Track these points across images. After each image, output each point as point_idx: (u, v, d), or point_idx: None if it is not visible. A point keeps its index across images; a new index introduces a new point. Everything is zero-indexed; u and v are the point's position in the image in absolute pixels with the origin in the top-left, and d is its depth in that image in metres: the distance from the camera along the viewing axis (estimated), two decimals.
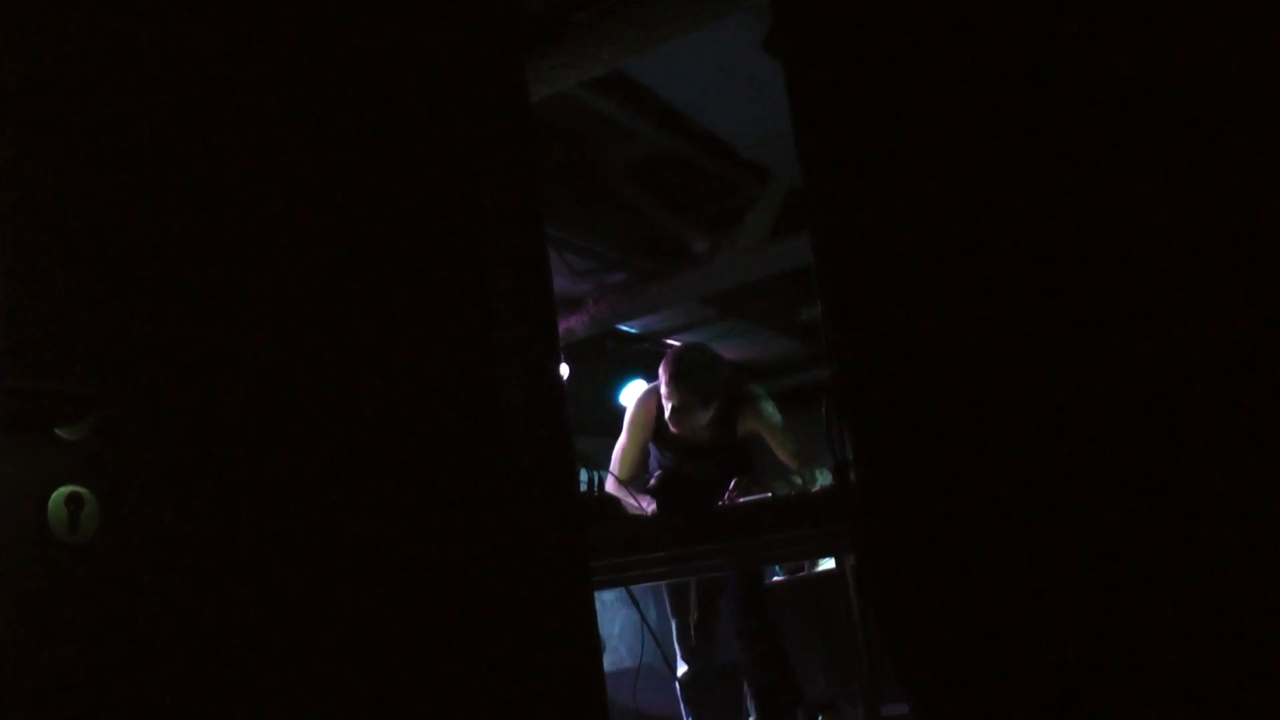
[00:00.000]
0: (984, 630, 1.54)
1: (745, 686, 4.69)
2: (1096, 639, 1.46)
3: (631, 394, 5.89)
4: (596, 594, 4.30)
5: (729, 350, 9.67)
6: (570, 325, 7.30)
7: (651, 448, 4.66)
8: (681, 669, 4.62)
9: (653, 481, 3.84)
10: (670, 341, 9.05)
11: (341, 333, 1.81)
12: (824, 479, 4.41)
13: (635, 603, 4.21)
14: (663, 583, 4.61)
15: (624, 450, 4.62)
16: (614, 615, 4.71)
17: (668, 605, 4.73)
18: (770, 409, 4.55)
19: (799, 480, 4.37)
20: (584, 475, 4.65)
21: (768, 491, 4.15)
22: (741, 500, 3.97)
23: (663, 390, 4.39)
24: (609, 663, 4.49)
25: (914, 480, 1.61)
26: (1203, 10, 1.45)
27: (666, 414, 4.42)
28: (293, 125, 1.85)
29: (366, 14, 1.96)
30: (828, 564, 4.82)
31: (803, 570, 5.48)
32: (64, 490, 1.48)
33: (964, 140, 1.59)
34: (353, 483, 1.77)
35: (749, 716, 4.66)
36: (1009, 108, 1.56)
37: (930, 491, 1.59)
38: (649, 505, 3.90)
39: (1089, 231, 1.49)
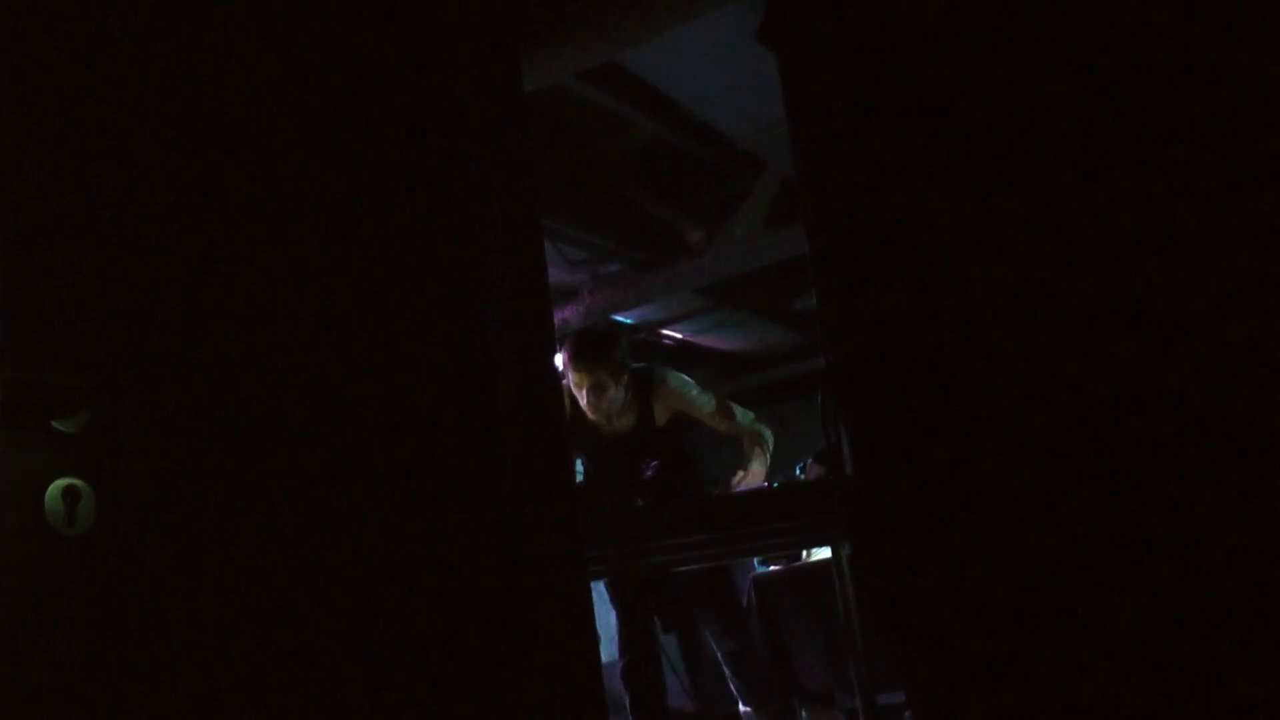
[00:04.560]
0: (980, 619, 1.55)
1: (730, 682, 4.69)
2: (1093, 629, 1.47)
3: None
4: (594, 585, 4.30)
5: (724, 341, 9.68)
6: (565, 316, 7.30)
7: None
8: (619, 657, 4.61)
9: (648, 474, 3.84)
10: (666, 332, 9.06)
11: (335, 324, 1.82)
12: (765, 433, 4.43)
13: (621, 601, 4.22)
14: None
15: None
16: (610, 607, 4.71)
17: (609, 599, 4.72)
18: (682, 383, 4.52)
19: (759, 454, 4.37)
20: (579, 467, 4.64)
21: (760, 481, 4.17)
22: (737, 490, 3.97)
23: (571, 379, 4.36)
24: (607, 654, 4.50)
25: (910, 469, 1.62)
26: (1204, 8, 1.45)
27: (582, 402, 4.39)
28: (286, 118, 1.85)
29: (360, 5, 1.96)
30: (824, 553, 4.83)
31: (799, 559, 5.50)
32: (61, 483, 1.48)
33: (959, 130, 1.59)
34: (347, 476, 1.77)
35: (738, 703, 4.67)
36: (1005, 97, 1.56)
37: (926, 480, 1.60)
38: None
39: (1088, 223, 1.50)
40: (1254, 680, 1.38)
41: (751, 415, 4.60)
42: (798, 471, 6.43)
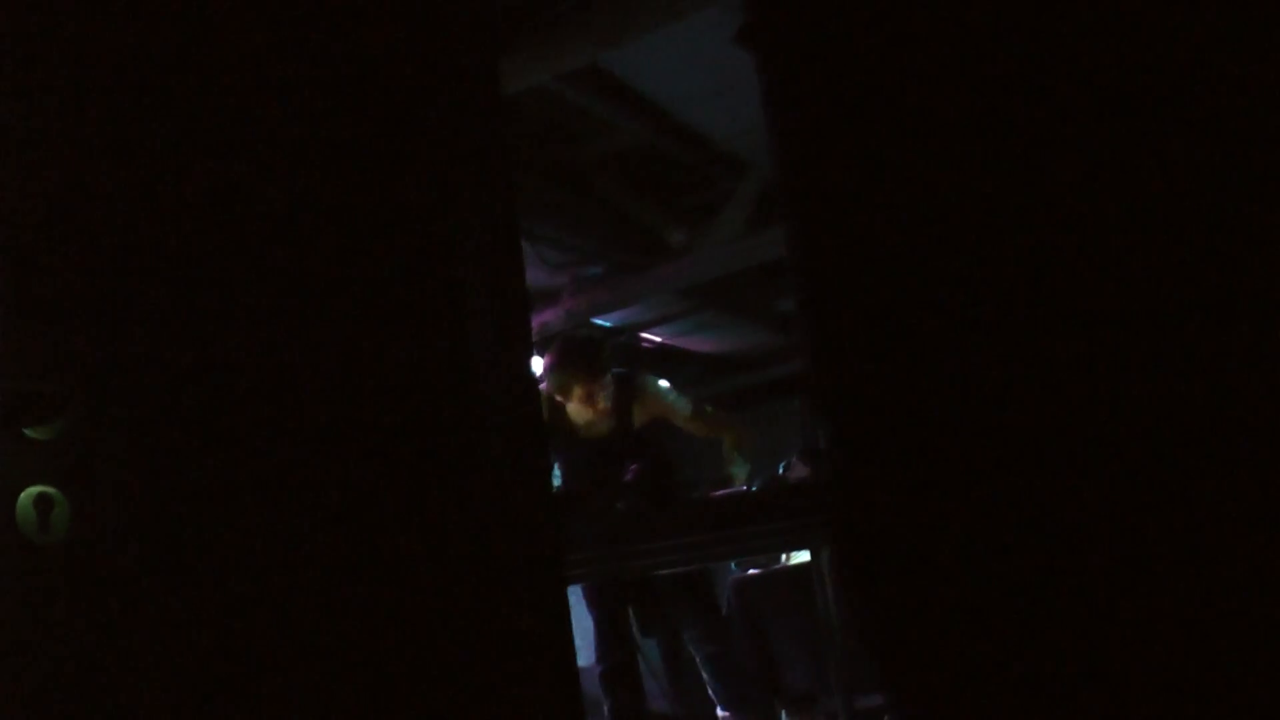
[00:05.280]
0: (960, 623, 1.54)
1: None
2: (1076, 636, 1.47)
3: None
4: (573, 589, 4.30)
5: (707, 342, 9.69)
6: (546, 319, 7.30)
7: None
8: (598, 662, 4.61)
9: (629, 477, 3.84)
10: (648, 335, 9.06)
11: (312, 328, 1.81)
12: (744, 438, 4.44)
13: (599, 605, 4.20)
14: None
15: None
16: (589, 611, 4.72)
17: (588, 602, 4.71)
18: (660, 388, 4.52)
19: (738, 458, 4.38)
20: (557, 470, 4.64)
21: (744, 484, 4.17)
22: (716, 494, 3.98)
23: (553, 386, 4.35)
24: (585, 658, 4.50)
25: (890, 472, 1.61)
26: (1195, 6, 1.45)
27: (569, 408, 4.39)
28: (258, 121, 1.84)
29: (335, 5, 1.95)
30: (803, 556, 4.84)
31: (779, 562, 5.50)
32: (33, 491, 1.47)
33: (940, 132, 1.59)
34: (323, 479, 1.76)
35: (717, 709, 4.68)
36: (986, 99, 1.56)
37: (907, 483, 1.59)
38: None
39: (1070, 226, 1.50)
40: (1240, 690, 1.38)
41: (729, 419, 4.61)
42: (781, 470, 6.44)
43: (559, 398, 4.38)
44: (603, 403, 4.36)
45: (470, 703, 1.74)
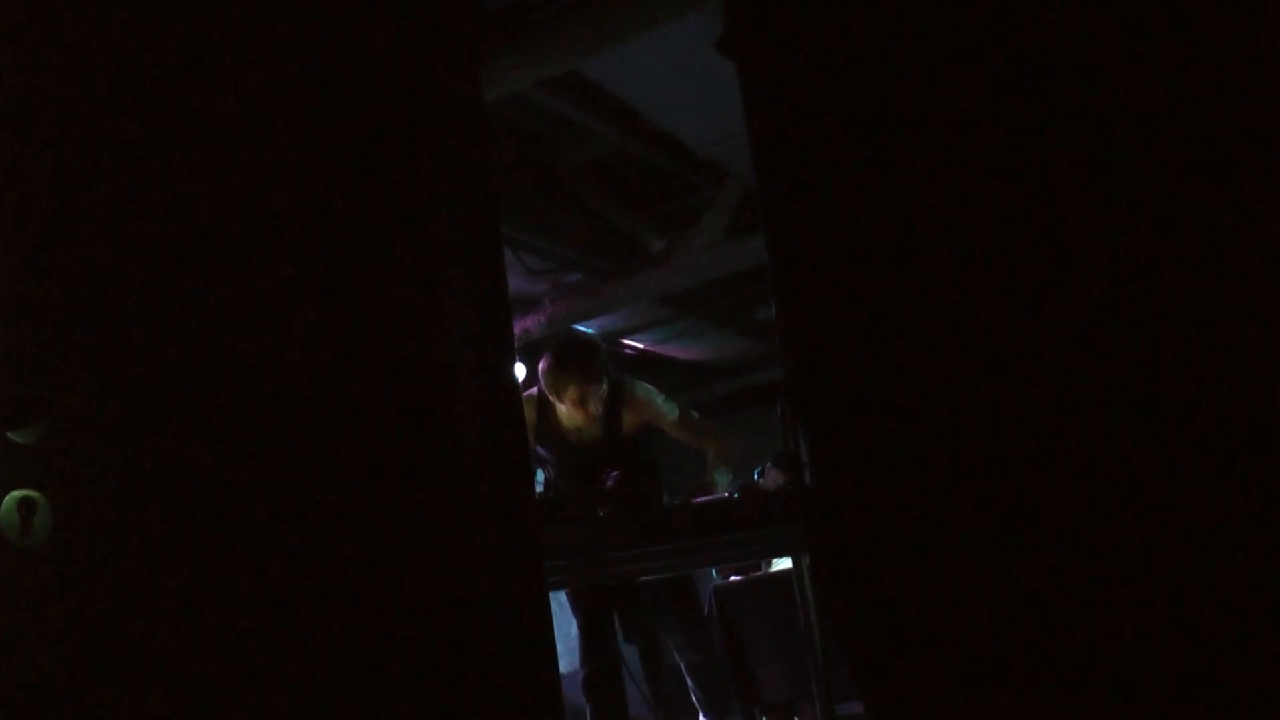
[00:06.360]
0: (939, 631, 1.55)
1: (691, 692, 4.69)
2: (1052, 639, 1.47)
3: None
4: (554, 595, 4.29)
5: (686, 350, 9.69)
6: (527, 325, 7.29)
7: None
8: (580, 667, 4.61)
9: (610, 484, 3.83)
10: (628, 342, 9.06)
11: (291, 333, 1.81)
12: (729, 445, 4.44)
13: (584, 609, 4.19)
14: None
15: None
16: (571, 617, 4.70)
17: (570, 608, 4.71)
18: (648, 393, 4.53)
19: (721, 466, 4.39)
20: (539, 476, 4.64)
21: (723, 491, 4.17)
22: (697, 500, 3.97)
23: (549, 389, 4.35)
24: (567, 664, 4.49)
25: (869, 479, 1.62)
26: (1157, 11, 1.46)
27: (561, 411, 4.39)
28: (242, 127, 1.84)
29: (319, 9, 1.95)
30: (785, 563, 4.84)
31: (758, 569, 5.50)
32: (16, 494, 1.46)
33: (917, 139, 1.60)
34: (304, 485, 1.76)
35: (699, 714, 4.67)
36: (963, 105, 1.57)
37: (885, 490, 1.60)
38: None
39: (1047, 233, 1.50)
40: (1221, 691, 1.38)
41: (715, 426, 4.61)
42: (756, 476, 6.44)
43: (551, 397, 4.38)
44: (593, 407, 4.36)
45: (452, 706, 1.74)
